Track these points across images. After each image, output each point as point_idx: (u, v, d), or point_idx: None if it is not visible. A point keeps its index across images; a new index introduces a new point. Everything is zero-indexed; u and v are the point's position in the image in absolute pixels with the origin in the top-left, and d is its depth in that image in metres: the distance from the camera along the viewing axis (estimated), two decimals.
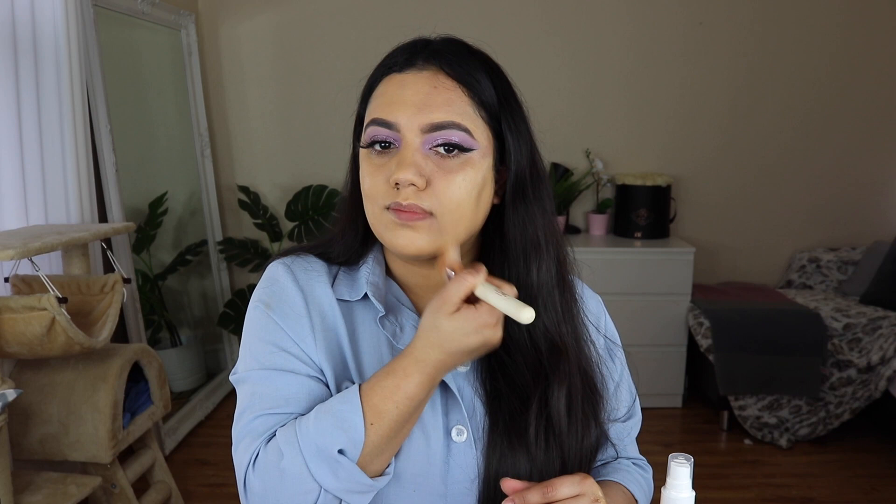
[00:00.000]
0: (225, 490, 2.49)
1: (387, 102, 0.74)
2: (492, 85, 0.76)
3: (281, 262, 0.83)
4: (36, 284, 1.85)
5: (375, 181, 0.74)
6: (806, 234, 3.59)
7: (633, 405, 0.92)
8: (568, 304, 0.83)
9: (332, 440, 0.68)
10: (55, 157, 2.13)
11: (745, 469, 2.70)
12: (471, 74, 0.75)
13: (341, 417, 0.69)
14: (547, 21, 3.42)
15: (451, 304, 0.67)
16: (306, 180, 3.41)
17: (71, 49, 2.13)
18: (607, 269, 3.09)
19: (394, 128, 0.73)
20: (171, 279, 3.18)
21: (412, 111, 0.73)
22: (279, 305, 0.79)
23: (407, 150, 0.73)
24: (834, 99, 3.48)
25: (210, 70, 3.43)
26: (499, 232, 0.80)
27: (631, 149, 3.53)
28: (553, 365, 0.79)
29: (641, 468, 0.93)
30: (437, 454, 0.77)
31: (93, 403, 1.91)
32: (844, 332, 2.88)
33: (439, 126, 0.72)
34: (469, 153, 0.73)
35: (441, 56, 0.75)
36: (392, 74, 0.76)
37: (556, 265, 0.81)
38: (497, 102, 0.76)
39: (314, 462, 0.68)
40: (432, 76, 0.74)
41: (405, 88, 0.74)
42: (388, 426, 0.69)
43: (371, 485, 0.70)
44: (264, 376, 0.76)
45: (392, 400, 0.69)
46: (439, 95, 0.73)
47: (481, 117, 0.75)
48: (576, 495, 0.71)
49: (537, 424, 0.77)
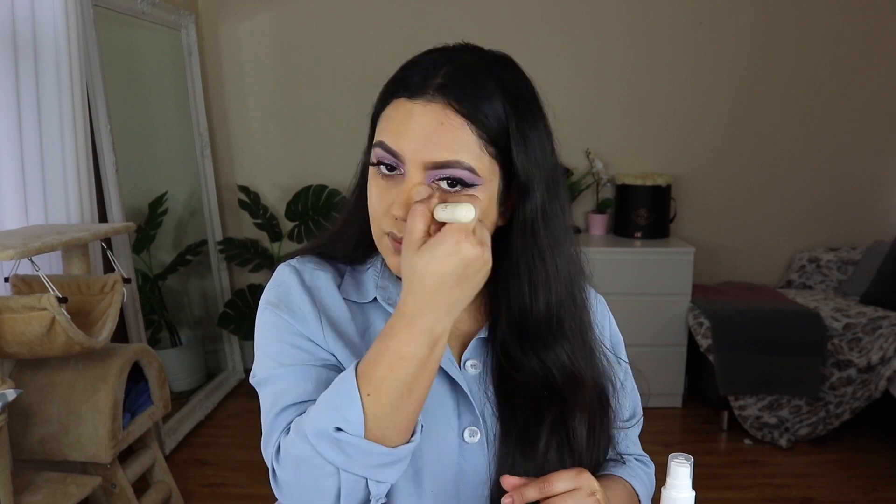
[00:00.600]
0: (225, 490, 2.49)
1: (393, 130, 0.73)
2: (505, 114, 0.73)
3: (287, 264, 0.84)
4: (36, 284, 1.85)
5: (380, 203, 0.75)
6: (806, 234, 3.59)
7: (636, 407, 0.93)
8: (584, 326, 0.83)
9: (327, 419, 0.66)
10: (55, 157, 2.13)
11: (745, 469, 2.70)
12: (480, 110, 0.72)
13: (337, 395, 0.67)
14: (547, 21, 3.42)
15: (415, 240, 0.66)
16: (306, 180, 3.41)
17: (71, 49, 2.13)
18: (607, 269, 3.09)
19: (398, 157, 0.72)
20: (171, 279, 3.18)
21: (417, 145, 0.71)
22: (287, 304, 0.79)
23: (409, 183, 0.72)
24: (834, 99, 3.48)
25: (210, 70, 3.43)
26: (504, 254, 0.78)
27: (631, 149, 3.53)
28: (570, 393, 0.79)
29: (644, 464, 0.93)
30: (451, 454, 0.78)
31: (93, 403, 1.91)
32: (844, 332, 2.88)
33: (443, 165, 0.71)
34: (472, 188, 0.72)
35: (453, 88, 0.72)
36: (401, 100, 0.73)
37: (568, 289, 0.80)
38: (507, 134, 0.73)
39: (320, 444, 0.67)
40: (440, 111, 0.71)
41: (412, 120, 0.72)
42: (388, 392, 0.66)
43: (392, 453, 0.67)
44: (281, 374, 0.76)
45: (385, 364, 0.66)
46: (446, 133, 0.71)
47: (488, 153, 0.73)
48: (572, 489, 0.71)
49: (549, 439, 0.78)
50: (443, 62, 0.74)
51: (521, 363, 0.79)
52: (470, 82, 0.72)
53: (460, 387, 0.79)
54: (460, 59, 0.75)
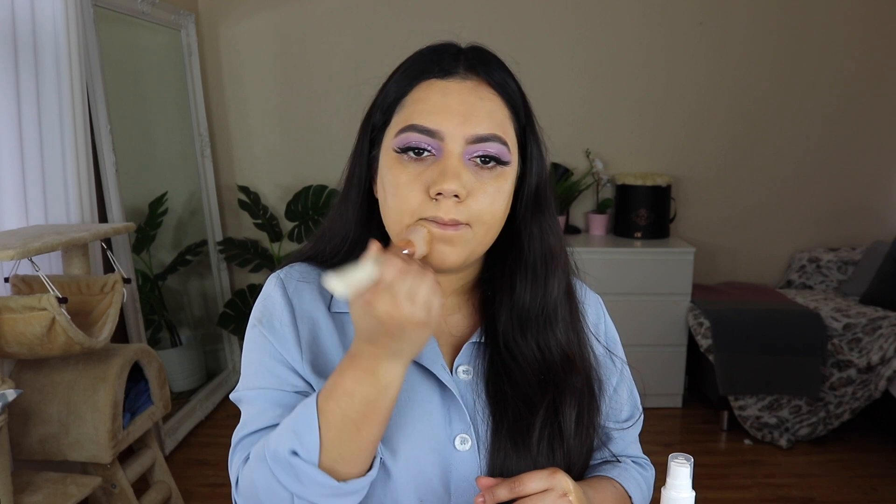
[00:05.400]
0: (225, 490, 2.48)
1: (429, 110, 0.72)
2: (519, 92, 0.77)
3: (276, 276, 0.84)
4: (36, 284, 1.85)
5: (411, 191, 0.72)
6: (806, 234, 3.59)
7: (634, 408, 0.92)
8: (574, 313, 0.84)
9: (285, 443, 0.66)
10: (55, 157, 2.13)
11: (745, 469, 2.70)
12: (508, 84, 0.76)
13: (297, 421, 0.67)
14: (547, 21, 3.42)
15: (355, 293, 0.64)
16: (306, 180, 3.41)
17: (71, 49, 2.13)
18: (607, 269, 3.09)
19: (436, 136, 0.72)
20: (171, 279, 3.18)
21: (458, 120, 0.72)
22: (269, 320, 0.79)
23: (450, 159, 0.71)
24: (834, 99, 3.48)
25: (210, 70, 3.43)
26: (511, 244, 0.80)
27: (631, 149, 3.53)
28: (563, 377, 0.80)
29: (641, 466, 0.92)
30: (442, 462, 0.77)
31: (93, 403, 1.91)
32: (844, 332, 2.88)
33: (483, 138, 0.72)
34: (504, 166, 0.74)
35: (482, 65, 0.75)
36: (432, 80, 0.74)
37: (564, 274, 0.82)
38: (524, 111, 0.78)
39: (276, 469, 0.67)
40: (476, 86, 0.74)
41: (449, 97, 0.73)
42: (335, 426, 0.65)
43: (340, 488, 0.66)
44: (255, 396, 0.77)
45: (333, 399, 0.65)
46: (483, 106, 0.73)
47: (513, 129, 0.76)
48: (545, 490, 0.70)
49: (541, 430, 0.77)
50: (456, 49, 0.78)
51: (519, 350, 0.79)
52: (491, 62, 0.77)
53: (451, 394, 0.78)
54: (471, 46, 0.79)
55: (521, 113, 0.77)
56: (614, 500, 0.83)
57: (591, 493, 0.78)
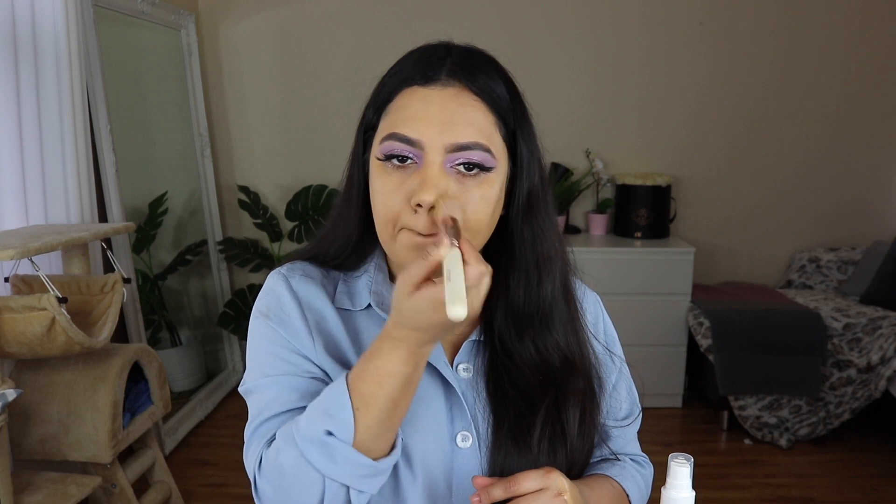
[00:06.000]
0: (225, 490, 2.49)
1: (409, 118, 0.72)
2: (509, 98, 0.75)
3: (277, 272, 0.83)
4: (36, 284, 1.85)
5: (393, 199, 0.72)
6: (806, 234, 3.59)
7: (633, 405, 0.92)
8: (573, 313, 0.83)
9: (320, 425, 0.67)
10: (55, 157, 2.13)
11: (745, 469, 2.70)
12: (492, 89, 0.74)
13: (329, 403, 0.67)
14: (547, 21, 3.42)
15: (410, 284, 0.63)
16: (306, 180, 3.41)
17: (71, 49, 2.13)
18: (607, 269, 3.09)
19: (416, 145, 0.71)
20: (171, 279, 3.18)
21: (437, 129, 0.71)
22: (276, 314, 0.79)
23: (430, 168, 0.71)
24: (833, 99, 3.48)
25: (210, 70, 3.43)
26: (504, 245, 0.79)
27: (631, 149, 3.53)
28: (564, 378, 0.80)
29: (640, 464, 0.92)
30: (443, 459, 0.77)
31: (93, 403, 1.91)
32: (844, 332, 2.88)
33: (464, 146, 0.71)
34: (488, 172, 0.73)
35: (465, 71, 0.73)
36: (414, 87, 0.73)
37: (562, 276, 0.82)
38: (513, 117, 0.76)
39: (308, 450, 0.67)
40: (457, 93, 0.72)
41: (429, 105, 0.72)
42: (378, 407, 0.66)
43: (375, 466, 0.68)
44: (268, 383, 0.76)
45: (375, 381, 0.66)
46: (465, 114, 0.72)
47: (500, 134, 0.74)
48: (539, 489, 0.70)
49: (542, 430, 0.77)
50: (444, 52, 0.76)
51: (517, 352, 0.79)
52: (477, 66, 0.75)
53: (453, 391, 0.78)
54: (458, 48, 0.77)
55: (508, 118, 0.75)
56: (611, 499, 0.83)
57: (587, 492, 0.78)
